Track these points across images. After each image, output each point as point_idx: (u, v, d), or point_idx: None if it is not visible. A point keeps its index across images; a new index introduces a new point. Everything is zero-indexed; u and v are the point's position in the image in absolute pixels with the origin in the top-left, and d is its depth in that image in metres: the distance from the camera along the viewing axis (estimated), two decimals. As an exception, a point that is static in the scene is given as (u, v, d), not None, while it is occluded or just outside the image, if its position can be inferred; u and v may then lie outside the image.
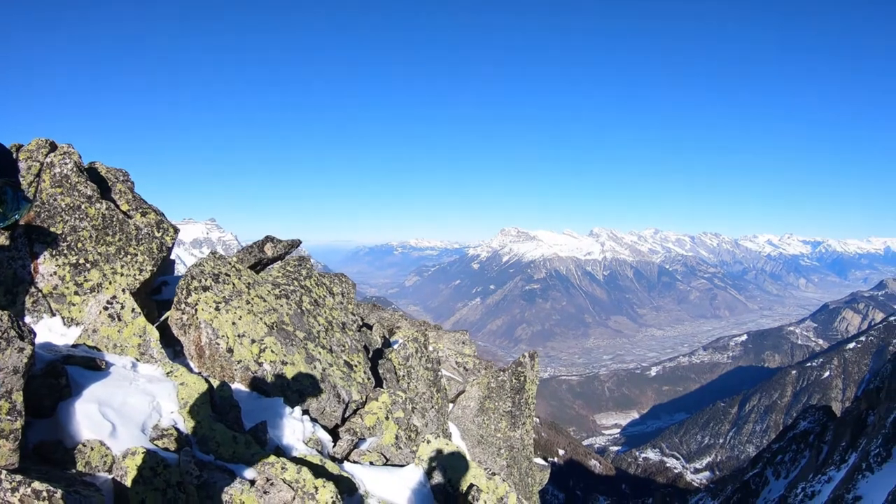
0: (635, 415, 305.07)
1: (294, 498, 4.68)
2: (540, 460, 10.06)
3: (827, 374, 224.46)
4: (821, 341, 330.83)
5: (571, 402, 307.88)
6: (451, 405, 8.60)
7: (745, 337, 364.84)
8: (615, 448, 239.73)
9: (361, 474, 5.87)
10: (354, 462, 6.28)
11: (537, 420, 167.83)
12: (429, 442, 6.22)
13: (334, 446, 6.34)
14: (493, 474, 5.88)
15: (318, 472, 5.32)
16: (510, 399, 8.59)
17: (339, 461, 6.10)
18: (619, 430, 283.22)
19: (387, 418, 6.88)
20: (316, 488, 4.79)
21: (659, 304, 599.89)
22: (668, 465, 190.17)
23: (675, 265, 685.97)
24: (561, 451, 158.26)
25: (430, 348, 9.77)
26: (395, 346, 8.32)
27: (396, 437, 6.76)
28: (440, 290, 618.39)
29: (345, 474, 5.60)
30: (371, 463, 6.33)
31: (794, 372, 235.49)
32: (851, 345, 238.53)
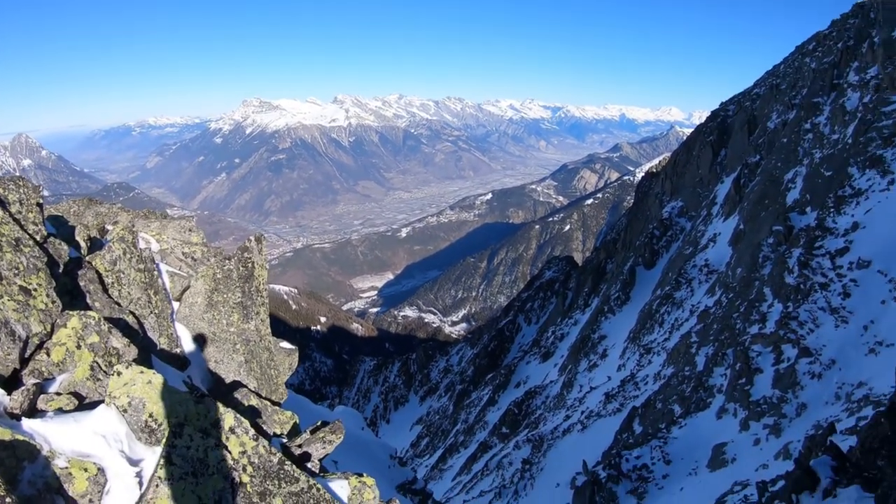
0: (390, 276, 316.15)
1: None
2: (286, 344, 8.92)
3: (568, 227, 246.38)
4: (561, 198, 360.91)
5: (327, 269, 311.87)
6: (176, 304, 7.25)
7: (490, 196, 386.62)
8: (374, 310, 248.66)
9: (44, 430, 4.28)
10: (41, 412, 4.59)
11: (295, 290, 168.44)
12: (119, 374, 4.68)
13: (10, 399, 4.55)
14: (202, 396, 4.52)
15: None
16: (239, 289, 7.37)
17: (19, 417, 4.36)
18: (376, 293, 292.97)
19: (78, 347, 5.21)
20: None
21: (405, 168, 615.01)
22: (426, 320, 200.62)
23: (421, 129, 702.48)
24: (323, 319, 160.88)
25: (153, 244, 8.28)
26: (101, 251, 6.54)
27: (92, 368, 5.18)
28: (184, 169, 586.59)
29: (20, 437, 3.94)
30: (61, 409, 4.69)
31: (537, 227, 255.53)
32: (589, 201, 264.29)
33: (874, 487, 5.79)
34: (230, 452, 4.55)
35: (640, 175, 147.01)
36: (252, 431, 4.76)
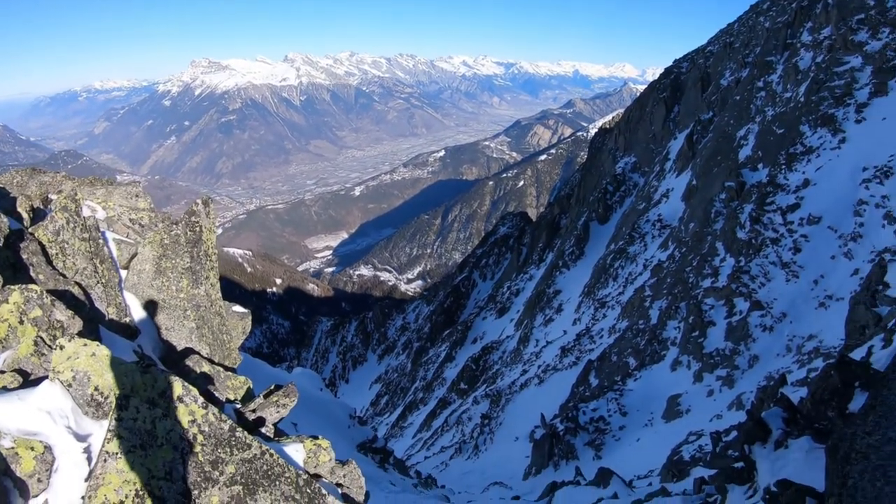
0: (344, 235, 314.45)
1: None
2: (238, 308, 8.80)
3: (521, 183, 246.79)
4: (515, 154, 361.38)
5: (281, 230, 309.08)
6: (124, 272, 7.02)
7: (443, 152, 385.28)
8: (330, 269, 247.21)
9: (-11, 411, 4.06)
10: (-18, 395, 4.41)
11: (249, 253, 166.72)
12: (62, 348, 4.50)
13: (-48, 384, 4.40)
14: (149, 366, 4.39)
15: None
16: (188, 254, 7.21)
17: (-38, 398, 4.19)
18: (331, 252, 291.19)
19: (21, 322, 4.99)
20: None
21: (358, 126, 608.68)
22: (382, 278, 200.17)
23: (373, 87, 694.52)
24: (278, 280, 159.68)
25: (99, 212, 8.00)
26: (43, 222, 6.33)
27: (36, 344, 4.97)
28: (132, 134, 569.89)
29: (-37, 420, 3.77)
30: (5, 387, 4.52)
31: (491, 183, 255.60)
32: (543, 157, 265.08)
33: (824, 438, 5.89)
34: (179, 422, 4.44)
35: (593, 131, 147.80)
36: (201, 399, 4.63)
